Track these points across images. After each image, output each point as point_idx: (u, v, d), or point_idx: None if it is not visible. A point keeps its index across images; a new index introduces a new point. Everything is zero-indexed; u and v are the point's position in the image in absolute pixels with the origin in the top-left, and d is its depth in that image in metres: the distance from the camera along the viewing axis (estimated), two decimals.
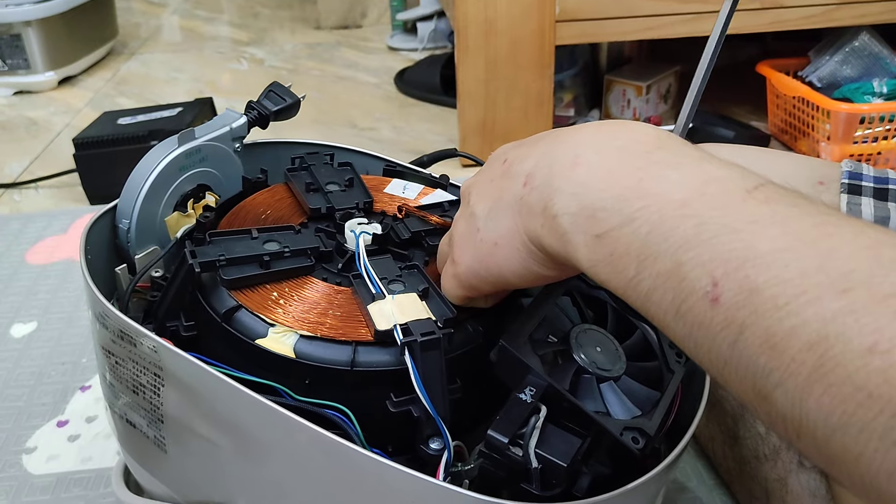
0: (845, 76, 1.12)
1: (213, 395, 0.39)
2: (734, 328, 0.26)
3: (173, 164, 0.49)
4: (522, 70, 1.09)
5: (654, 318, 0.30)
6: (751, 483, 0.53)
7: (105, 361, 0.45)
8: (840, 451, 0.24)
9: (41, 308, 0.81)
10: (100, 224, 0.49)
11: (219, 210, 0.50)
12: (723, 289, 0.27)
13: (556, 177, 0.34)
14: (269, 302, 0.42)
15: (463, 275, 0.39)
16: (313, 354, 0.39)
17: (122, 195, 0.49)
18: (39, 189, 1.12)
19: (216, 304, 0.42)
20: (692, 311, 0.28)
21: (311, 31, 1.95)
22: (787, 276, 0.25)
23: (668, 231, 0.29)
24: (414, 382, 0.37)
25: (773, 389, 0.25)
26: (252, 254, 0.43)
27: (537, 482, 0.35)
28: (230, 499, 0.42)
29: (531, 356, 0.38)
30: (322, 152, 0.56)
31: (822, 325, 0.24)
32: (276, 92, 0.55)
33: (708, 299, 0.27)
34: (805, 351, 0.24)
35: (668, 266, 0.29)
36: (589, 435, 0.37)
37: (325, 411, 0.38)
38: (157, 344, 0.40)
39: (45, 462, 0.61)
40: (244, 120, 0.54)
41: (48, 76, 1.53)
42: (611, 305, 0.45)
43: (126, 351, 0.42)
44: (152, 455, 0.45)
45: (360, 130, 1.33)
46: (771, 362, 0.25)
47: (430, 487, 0.35)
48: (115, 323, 0.42)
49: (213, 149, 0.52)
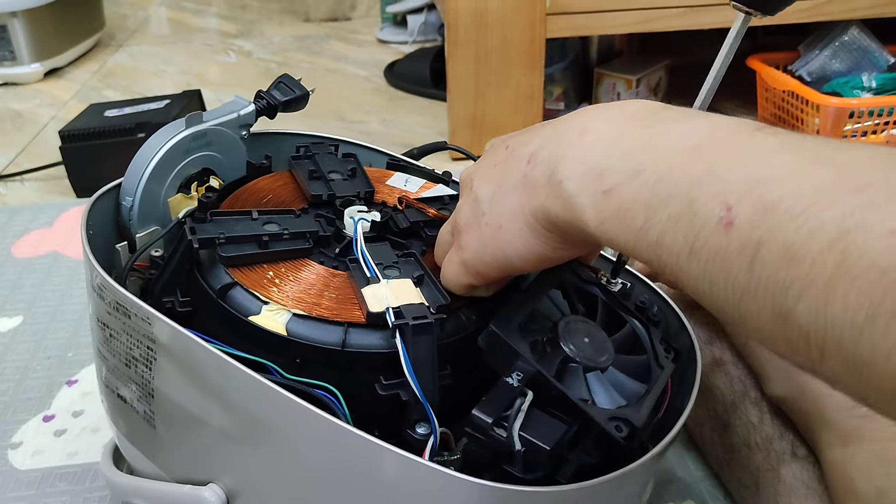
0: (835, 70, 1.12)
1: (204, 369, 0.39)
2: (750, 249, 0.26)
3: (179, 145, 0.49)
4: (512, 63, 1.09)
5: (666, 265, 0.29)
6: (741, 472, 0.53)
7: (100, 334, 0.45)
8: (869, 354, 0.23)
9: (27, 302, 0.80)
10: (103, 201, 0.49)
11: (221, 192, 0.50)
12: (736, 212, 0.26)
13: (561, 147, 0.34)
14: (265, 281, 0.42)
15: (469, 260, 0.39)
16: (305, 333, 0.39)
17: (127, 173, 0.49)
18: (25, 182, 1.11)
19: (212, 280, 0.42)
20: (707, 244, 0.27)
21: (300, 24, 1.94)
22: (801, 189, 0.25)
23: (678, 176, 0.29)
24: (404, 365, 0.37)
25: (795, 304, 0.24)
26: (251, 234, 0.43)
27: (520, 465, 0.36)
28: (217, 476, 0.43)
29: (520, 342, 0.38)
30: (327, 143, 0.57)
31: (840, 222, 0.24)
32: (286, 83, 0.56)
33: (722, 226, 0.27)
34: (825, 251, 0.24)
35: (679, 207, 0.28)
36: (575, 423, 0.37)
37: (314, 391, 0.38)
38: (151, 315, 0.40)
39: (30, 457, 0.60)
40: (252, 108, 0.54)
41: (34, 68, 1.51)
42: (601, 300, 0.45)
43: (120, 323, 0.42)
44: (141, 431, 0.45)
45: (349, 123, 1.32)
46: (791, 273, 0.24)
47: (417, 467, 0.35)
48: (112, 294, 0.42)
49: (220, 134, 0.52)
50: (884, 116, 1.02)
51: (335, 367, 0.39)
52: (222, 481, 0.42)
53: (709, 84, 0.43)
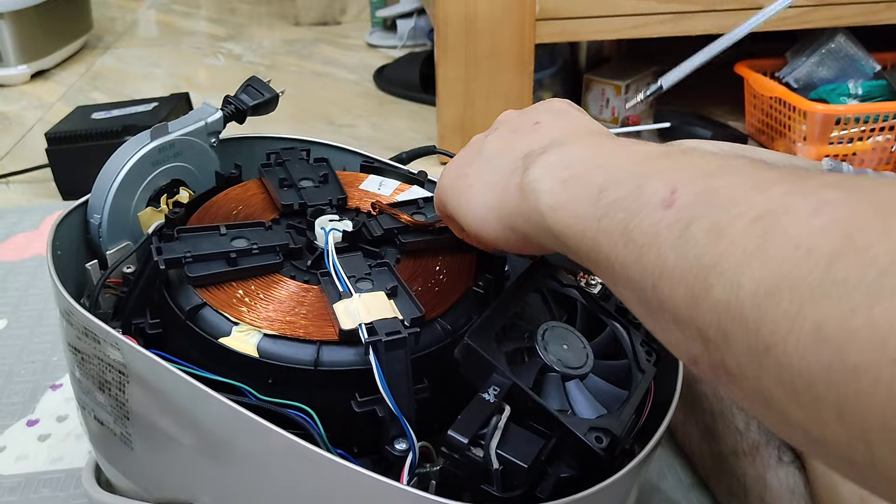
0: (821, 77, 1.13)
1: (176, 393, 0.39)
2: (681, 225, 0.26)
3: (146, 158, 0.48)
4: (502, 68, 1.09)
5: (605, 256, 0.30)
6: (729, 480, 0.53)
7: (72, 358, 0.44)
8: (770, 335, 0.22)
9: (11, 305, 0.80)
10: (71, 219, 0.48)
11: (189, 206, 0.49)
12: (680, 194, 0.27)
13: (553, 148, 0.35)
14: (234, 300, 0.41)
15: (438, 189, 0.42)
16: (277, 353, 0.39)
17: (94, 189, 0.48)
18: (11, 184, 1.10)
19: (181, 301, 0.41)
20: (642, 223, 0.28)
21: (290, 28, 1.94)
22: (746, 182, 0.26)
23: (635, 166, 0.30)
24: (378, 382, 0.36)
25: (711, 282, 0.24)
26: (219, 251, 0.42)
27: (498, 484, 0.35)
28: (195, 496, 0.42)
29: (497, 354, 0.38)
30: (298, 147, 0.55)
31: (769, 203, 0.24)
32: (255, 86, 0.55)
33: (662, 206, 0.27)
34: (748, 228, 0.24)
35: (627, 190, 0.29)
36: (554, 435, 0.36)
37: (288, 412, 0.38)
38: (120, 341, 0.39)
39: (14, 462, 0.60)
40: (220, 115, 0.53)
41: (21, 70, 1.50)
42: (581, 304, 0.44)
43: (91, 348, 0.42)
44: (120, 452, 0.44)
45: (338, 127, 1.32)
46: (712, 250, 0.25)
47: (390, 490, 0.34)
48: (79, 320, 0.41)
49: (188, 143, 0.51)
50: (870, 123, 1.03)
51: (309, 387, 0.39)
52: (201, 502, 0.42)
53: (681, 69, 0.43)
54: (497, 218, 0.37)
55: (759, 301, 0.23)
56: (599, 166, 0.32)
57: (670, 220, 0.26)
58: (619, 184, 0.30)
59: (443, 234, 0.46)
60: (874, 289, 0.20)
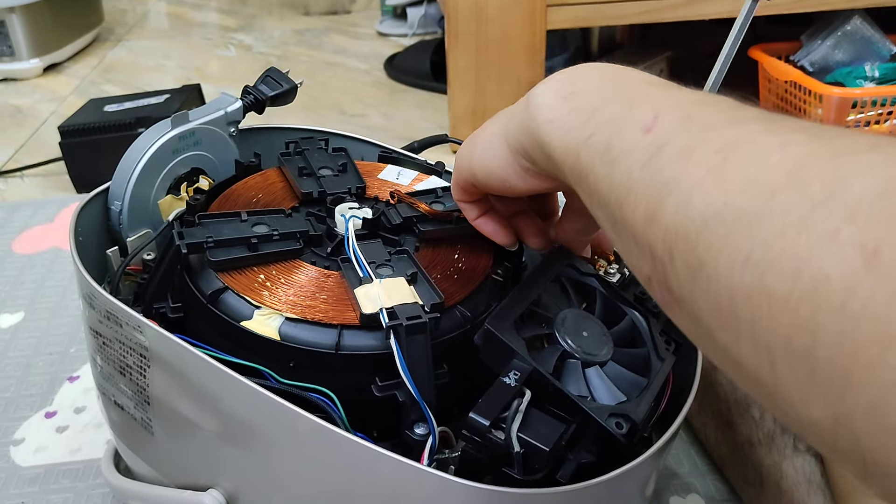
0: (837, 60, 1.12)
1: (198, 376, 0.39)
2: (655, 147, 0.27)
3: (166, 146, 0.49)
4: (513, 56, 1.08)
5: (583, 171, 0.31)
6: (744, 468, 0.53)
7: (94, 343, 0.45)
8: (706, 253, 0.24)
9: (28, 298, 0.80)
10: (92, 206, 0.49)
11: (209, 193, 0.49)
12: (661, 119, 0.28)
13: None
14: (256, 284, 0.41)
15: (456, 157, 0.41)
16: (298, 337, 0.39)
17: (115, 177, 0.48)
18: (25, 178, 1.11)
19: (203, 285, 0.42)
20: (621, 142, 0.29)
21: (300, 17, 1.93)
22: (725, 118, 0.27)
23: (631, 89, 0.31)
24: (399, 366, 0.37)
25: (665, 198, 0.26)
26: (240, 236, 0.43)
27: (519, 466, 0.35)
28: (216, 481, 0.42)
29: (516, 340, 0.38)
30: (317, 138, 0.56)
31: (737, 136, 0.25)
32: (273, 77, 0.55)
33: (643, 130, 0.28)
34: (712, 155, 0.25)
35: (617, 110, 0.30)
36: (574, 421, 0.37)
37: (309, 395, 0.38)
38: (143, 324, 0.40)
39: (32, 453, 0.60)
40: (239, 104, 0.53)
41: (33, 63, 1.51)
42: (600, 292, 0.44)
43: (113, 332, 0.42)
44: (140, 437, 0.45)
45: (349, 117, 1.32)
46: (675, 169, 0.26)
47: (413, 471, 0.34)
48: (102, 304, 0.41)
49: (208, 132, 0.52)
50: (887, 106, 1.02)
51: (330, 370, 0.39)
52: (222, 486, 0.42)
53: (716, 71, 0.43)
54: (506, 142, 0.37)
55: (702, 221, 0.24)
56: (599, 88, 0.33)
57: (646, 143, 0.28)
58: (611, 105, 0.31)
59: (461, 224, 0.46)
60: (804, 220, 0.21)
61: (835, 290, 0.20)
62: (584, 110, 0.32)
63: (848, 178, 0.21)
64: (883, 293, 0.19)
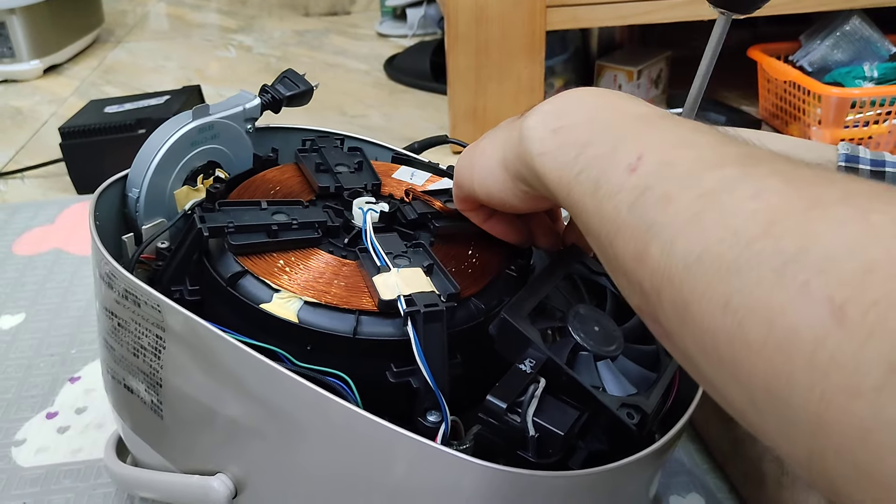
0: (836, 60, 1.12)
1: (216, 356, 0.39)
2: (638, 190, 0.29)
3: (186, 137, 0.50)
4: (513, 56, 1.08)
5: (576, 204, 0.32)
6: (745, 464, 0.53)
7: (107, 323, 0.45)
8: (689, 295, 0.25)
9: (29, 299, 0.80)
10: (110, 191, 0.49)
11: (229, 183, 0.50)
12: (644, 161, 0.29)
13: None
14: (275, 269, 0.42)
15: (455, 170, 0.43)
16: (316, 321, 0.40)
17: (134, 164, 0.49)
18: (26, 179, 1.11)
19: (222, 269, 0.42)
20: (609, 182, 0.30)
21: (300, 18, 1.94)
22: (705, 157, 0.28)
23: (617, 125, 0.32)
24: (415, 353, 0.37)
25: (651, 241, 0.27)
26: (260, 223, 0.43)
27: (534, 450, 0.36)
28: (225, 465, 0.43)
29: (531, 329, 0.38)
30: (332, 137, 0.57)
31: (717, 181, 0.26)
32: (291, 78, 0.56)
33: (628, 171, 0.29)
34: (693, 202, 0.26)
35: (604, 149, 0.31)
36: (586, 410, 0.37)
37: (325, 378, 0.38)
38: (162, 303, 0.40)
39: (34, 454, 0.60)
40: (258, 101, 0.54)
41: (33, 65, 1.51)
42: (610, 291, 0.45)
43: (129, 312, 0.42)
44: (148, 421, 0.45)
45: (350, 118, 1.32)
46: (658, 215, 0.27)
47: (429, 451, 0.35)
48: (121, 282, 0.42)
49: (226, 127, 0.53)
50: (885, 106, 1.02)
51: (346, 355, 0.39)
52: (230, 471, 0.42)
53: (695, 88, 0.44)
54: (504, 168, 0.39)
55: (685, 266, 0.25)
56: (587, 121, 0.34)
57: (630, 185, 0.29)
58: (598, 143, 0.32)
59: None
60: (777, 273, 0.22)
61: (805, 342, 0.21)
62: (574, 146, 0.33)
63: (818, 234, 0.22)
64: (849, 346, 0.20)
